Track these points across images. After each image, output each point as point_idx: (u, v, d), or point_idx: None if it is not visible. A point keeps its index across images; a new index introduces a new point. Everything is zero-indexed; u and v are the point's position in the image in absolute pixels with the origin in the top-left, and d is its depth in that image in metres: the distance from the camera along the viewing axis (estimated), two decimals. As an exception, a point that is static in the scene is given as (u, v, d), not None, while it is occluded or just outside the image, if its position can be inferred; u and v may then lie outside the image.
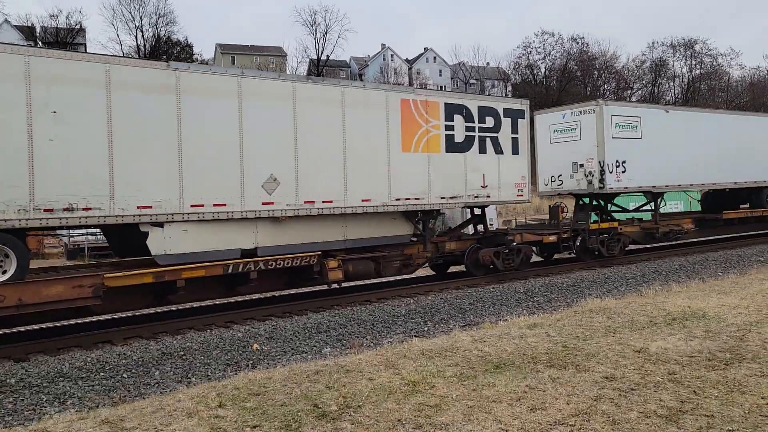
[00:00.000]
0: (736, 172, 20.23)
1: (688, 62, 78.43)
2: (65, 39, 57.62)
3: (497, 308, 12.07)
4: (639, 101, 65.12)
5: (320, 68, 72.58)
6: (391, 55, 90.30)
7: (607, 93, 72.21)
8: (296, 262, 11.48)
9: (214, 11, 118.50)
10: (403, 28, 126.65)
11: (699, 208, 25.94)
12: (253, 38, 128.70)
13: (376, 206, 12.46)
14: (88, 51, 41.28)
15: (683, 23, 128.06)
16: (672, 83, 79.23)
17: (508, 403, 5.39)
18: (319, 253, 11.77)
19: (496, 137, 14.61)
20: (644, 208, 19.77)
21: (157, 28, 61.94)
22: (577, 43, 72.43)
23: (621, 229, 17.76)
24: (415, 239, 13.99)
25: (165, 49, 62.86)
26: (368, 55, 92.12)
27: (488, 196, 14.52)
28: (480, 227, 15.77)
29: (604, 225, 17.44)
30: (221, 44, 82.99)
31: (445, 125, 13.69)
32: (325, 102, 11.84)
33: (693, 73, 78.76)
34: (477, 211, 15.61)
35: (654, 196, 18.47)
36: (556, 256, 18.32)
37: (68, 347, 9.46)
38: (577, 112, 17.20)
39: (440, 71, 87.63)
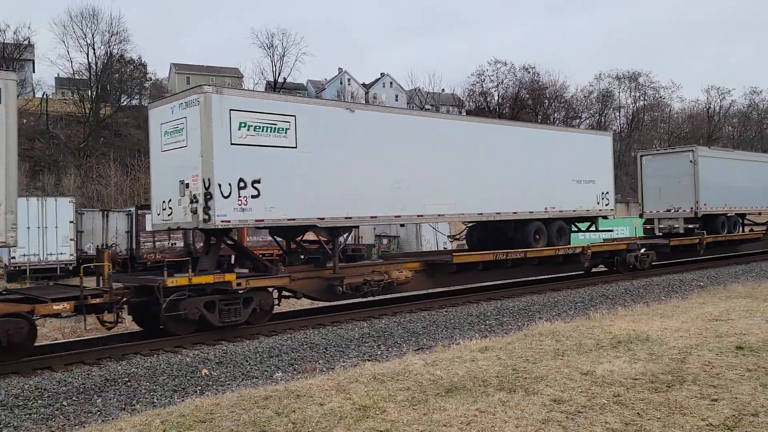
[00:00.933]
0: (486, 201, 15.40)
1: (633, 93, 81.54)
2: (12, 55, 55.97)
3: (450, 331, 12.14)
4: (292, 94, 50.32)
5: (277, 90, 72.45)
6: (348, 79, 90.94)
7: (557, 121, 74.28)
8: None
9: (170, 31, 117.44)
10: (360, 52, 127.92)
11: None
12: (209, 59, 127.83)
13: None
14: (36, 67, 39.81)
15: (628, 56, 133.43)
16: (618, 113, 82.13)
17: (459, 427, 5.41)
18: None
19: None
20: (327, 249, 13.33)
21: (109, 46, 60.80)
22: (529, 72, 74.44)
23: (289, 280, 12.18)
24: None
25: (117, 68, 61.73)
26: (325, 79, 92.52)
27: None
28: None
29: (204, 279, 11.21)
30: (176, 64, 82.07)
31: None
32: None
33: (637, 104, 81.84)
34: None
35: (332, 232, 12.96)
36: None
37: (4, 374, 9.04)
38: (183, 105, 11.46)
39: (396, 96, 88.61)
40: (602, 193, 18.80)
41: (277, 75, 72.25)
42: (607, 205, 18.94)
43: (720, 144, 72.82)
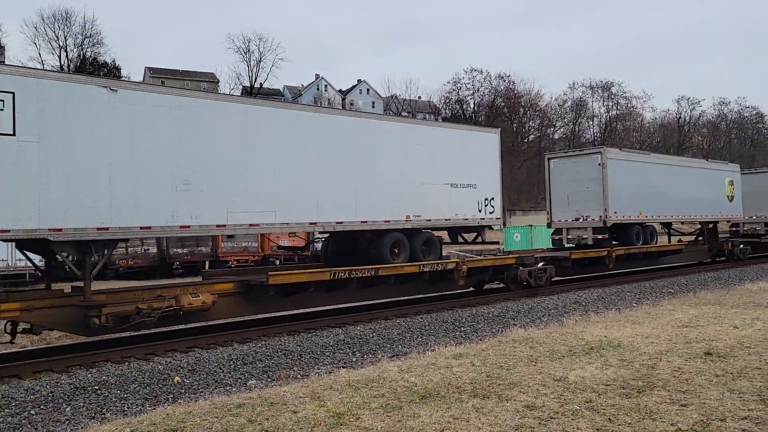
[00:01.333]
0: (323, 208, 13.04)
1: (606, 103, 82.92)
2: (-19, 56, 54.88)
3: (425, 338, 12.16)
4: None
5: (253, 95, 72.12)
6: (325, 86, 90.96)
7: (532, 130, 75.16)
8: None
9: (145, 35, 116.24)
10: (337, 59, 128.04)
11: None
12: (185, 64, 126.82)
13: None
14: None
15: (599, 67, 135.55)
16: (591, 122, 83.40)
17: (432, 433, 5.42)
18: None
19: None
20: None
21: (82, 49, 60.02)
22: (504, 80, 75.30)
23: (19, 311, 9.66)
24: None
25: (91, 71, 60.87)
26: (302, 85, 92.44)
27: None
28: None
29: None
30: (150, 67, 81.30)
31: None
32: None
33: (610, 114, 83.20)
34: None
35: (79, 248, 10.23)
36: None
37: (-30, 382, 8.83)
38: None
39: (373, 103, 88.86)
40: (486, 199, 16.65)
41: (253, 80, 72.08)
42: (491, 213, 16.82)
43: (689, 153, 74.35)
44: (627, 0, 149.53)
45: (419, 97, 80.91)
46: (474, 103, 75.38)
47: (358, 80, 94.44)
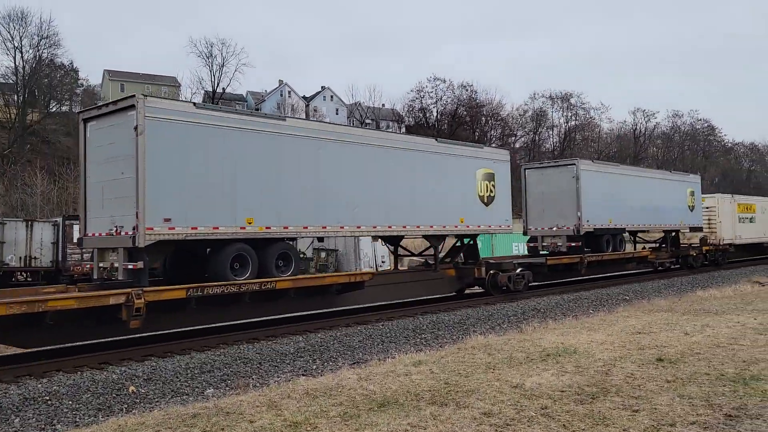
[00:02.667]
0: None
1: (565, 114, 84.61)
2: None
3: (386, 345, 12.18)
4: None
5: (216, 101, 71.26)
6: (289, 92, 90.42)
7: (494, 139, 76.13)
8: None
9: (105, 38, 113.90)
10: (300, 65, 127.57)
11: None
12: (146, 67, 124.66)
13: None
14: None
15: (561, 78, 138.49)
16: (551, 132, 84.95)
17: (390, 441, 5.43)
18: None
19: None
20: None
21: (39, 50, 58.46)
22: (467, 90, 76.10)
23: None
24: None
25: (47, 72, 59.41)
26: (265, 90, 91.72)
27: None
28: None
29: None
30: (109, 70, 79.60)
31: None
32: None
33: (569, 124, 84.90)
34: None
35: None
36: None
37: None
38: None
39: (337, 110, 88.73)
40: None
41: (216, 85, 71.27)
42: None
43: (645, 164, 76.37)
44: (586, 14, 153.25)
45: (383, 105, 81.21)
46: (437, 111, 76.05)
47: (322, 87, 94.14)
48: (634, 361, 8.39)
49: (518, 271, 18.87)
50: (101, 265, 11.94)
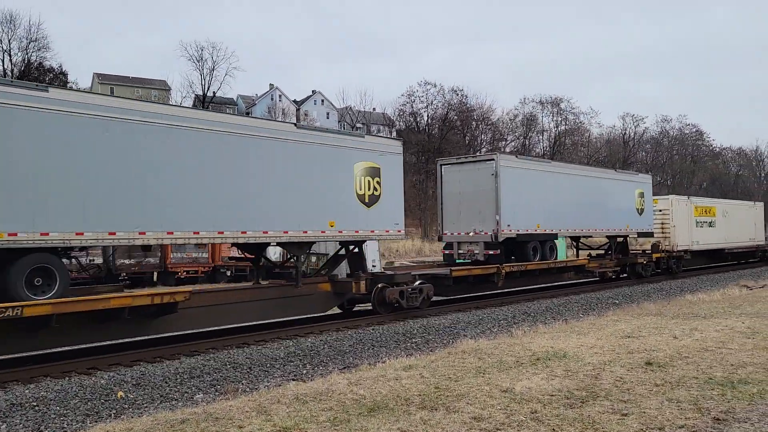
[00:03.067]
0: None
1: (555, 118, 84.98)
2: None
3: (376, 350, 12.17)
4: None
5: (206, 104, 71.08)
6: (279, 96, 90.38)
7: (484, 143, 76.34)
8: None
9: (93, 40, 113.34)
10: (291, 69, 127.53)
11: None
12: (136, 70, 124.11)
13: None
14: None
15: (551, 82, 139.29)
16: (541, 137, 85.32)
17: (380, 446, 5.42)
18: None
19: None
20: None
21: (27, 53, 58.07)
22: (457, 94, 76.20)
23: None
24: None
25: (36, 75, 58.95)
26: (256, 94, 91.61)
27: None
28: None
29: None
30: (99, 74, 79.25)
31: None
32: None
33: (559, 129, 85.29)
34: None
35: None
36: None
37: None
38: None
39: (328, 114, 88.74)
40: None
41: (206, 89, 71.06)
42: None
43: (634, 168, 76.75)
44: (575, 19, 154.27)
45: (374, 109, 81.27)
46: (427, 115, 76.18)
47: (313, 91, 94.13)
48: (624, 365, 8.42)
49: (417, 284, 16.03)
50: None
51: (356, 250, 15.43)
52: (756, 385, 7.23)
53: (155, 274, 29.01)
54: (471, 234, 19.24)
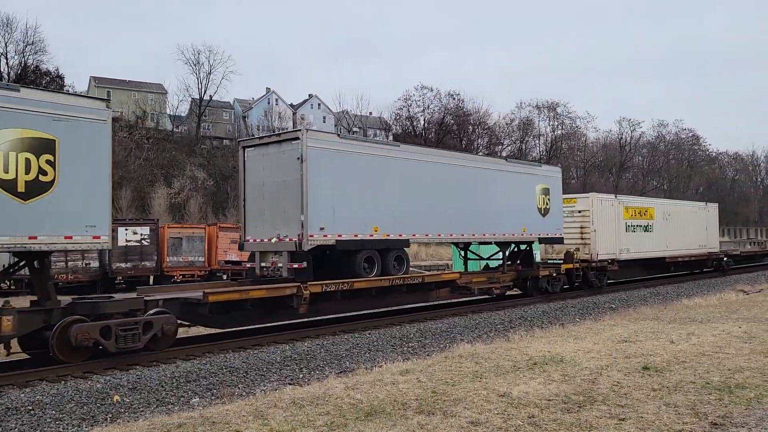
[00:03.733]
0: None
1: (551, 123, 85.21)
2: None
3: (373, 354, 12.15)
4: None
5: (203, 108, 71.07)
6: (276, 99, 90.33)
7: (481, 147, 76.47)
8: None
9: (90, 43, 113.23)
10: (288, 73, 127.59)
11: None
12: (132, 74, 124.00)
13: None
14: None
15: (547, 87, 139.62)
16: (537, 141, 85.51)
17: (377, 451, 5.41)
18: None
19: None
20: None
21: (24, 56, 58.07)
22: (454, 98, 76.39)
23: None
24: None
25: (32, 78, 58.92)
26: (253, 98, 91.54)
27: None
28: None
29: None
30: (96, 77, 79.10)
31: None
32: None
33: (555, 133, 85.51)
34: None
35: None
36: None
37: None
38: None
39: (324, 118, 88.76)
40: None
41: (203, 92, 71.07)
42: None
43: (631, 173, 76.97)
44: (572, 23, 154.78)
45: (370, 113, 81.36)
46: (424, 120, 76.29)
47: (310, 95, 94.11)
48: (621, 370, 8.43)
49: (147, 316, 11.03)
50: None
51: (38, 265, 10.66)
52: (753, 389, 7.24)
53: (151, 277, 28.98)
54: (274, 241, 14.14)
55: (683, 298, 20.17)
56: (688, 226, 28.99)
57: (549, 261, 22.51)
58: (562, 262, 21.53)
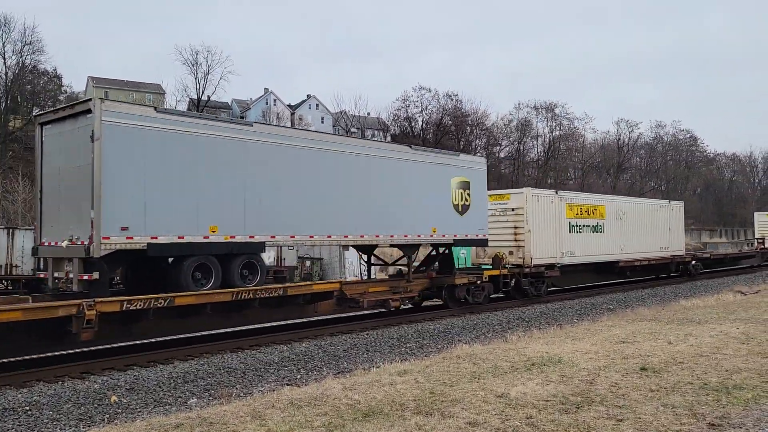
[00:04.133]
0: None
1: (549, 123, 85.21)
2: None
3: (371, 355, 12.14)
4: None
5: (201, 108, 70.98)
6: (274, 100, 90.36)
7: (479, 148, 76.48)
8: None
9: (88, 43, 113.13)
10: (286, 73, 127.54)
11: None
12: (130, 74, 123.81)
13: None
14: None
15: (545, 88, 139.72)
16: (536, 142, 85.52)
17: (375, 451, 5.40)
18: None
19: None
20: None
21: (22, 56, 57.97)
22: (452, 99, 76.39)
23: None
24: None
25: (30, 79, 58.90)
26: (251, 99, 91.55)
27: None
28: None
29: None
30: (94, 77, 79.06)
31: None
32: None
33: (553, 134, 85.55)
34: None
35: None
36: None
37: None
38: None
39: (322, 118, 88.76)
40: None
41: (201, 93, 70.96)
42: None
43: (629, 174, 76.98)
44: (570, 24, 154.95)
45: (368, 114, 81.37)
46: (422, 120, 76.29)
47: (308, 95, 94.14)
48: (618, 371, 8.43)
49: None
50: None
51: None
52: (751, 390, 7.25)
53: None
54: (65, 244, 11.17)
55: (681, 299, 20.19)
56: (647, 227, 26.27)
57: (483, 267, 19.50)
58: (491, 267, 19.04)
